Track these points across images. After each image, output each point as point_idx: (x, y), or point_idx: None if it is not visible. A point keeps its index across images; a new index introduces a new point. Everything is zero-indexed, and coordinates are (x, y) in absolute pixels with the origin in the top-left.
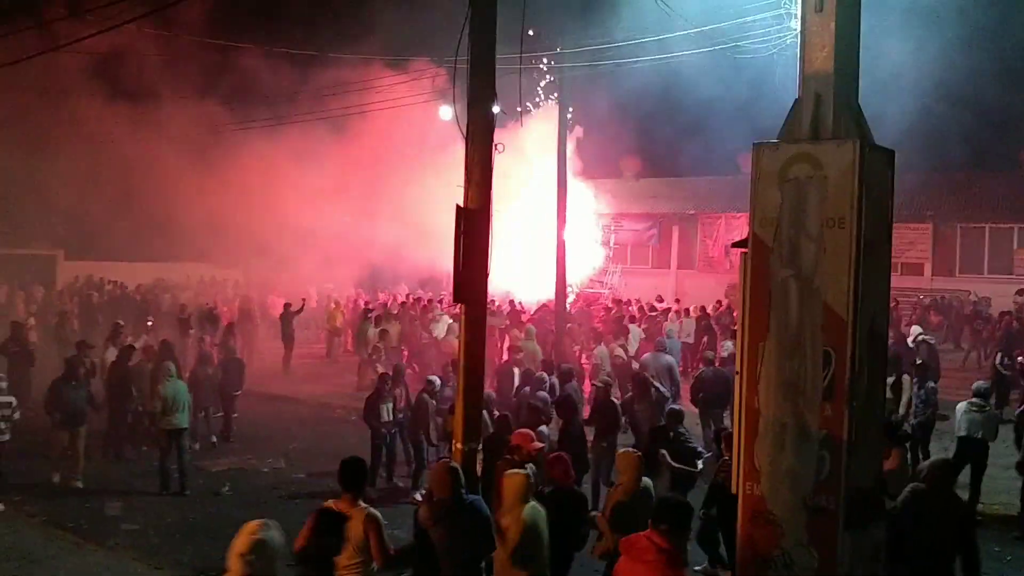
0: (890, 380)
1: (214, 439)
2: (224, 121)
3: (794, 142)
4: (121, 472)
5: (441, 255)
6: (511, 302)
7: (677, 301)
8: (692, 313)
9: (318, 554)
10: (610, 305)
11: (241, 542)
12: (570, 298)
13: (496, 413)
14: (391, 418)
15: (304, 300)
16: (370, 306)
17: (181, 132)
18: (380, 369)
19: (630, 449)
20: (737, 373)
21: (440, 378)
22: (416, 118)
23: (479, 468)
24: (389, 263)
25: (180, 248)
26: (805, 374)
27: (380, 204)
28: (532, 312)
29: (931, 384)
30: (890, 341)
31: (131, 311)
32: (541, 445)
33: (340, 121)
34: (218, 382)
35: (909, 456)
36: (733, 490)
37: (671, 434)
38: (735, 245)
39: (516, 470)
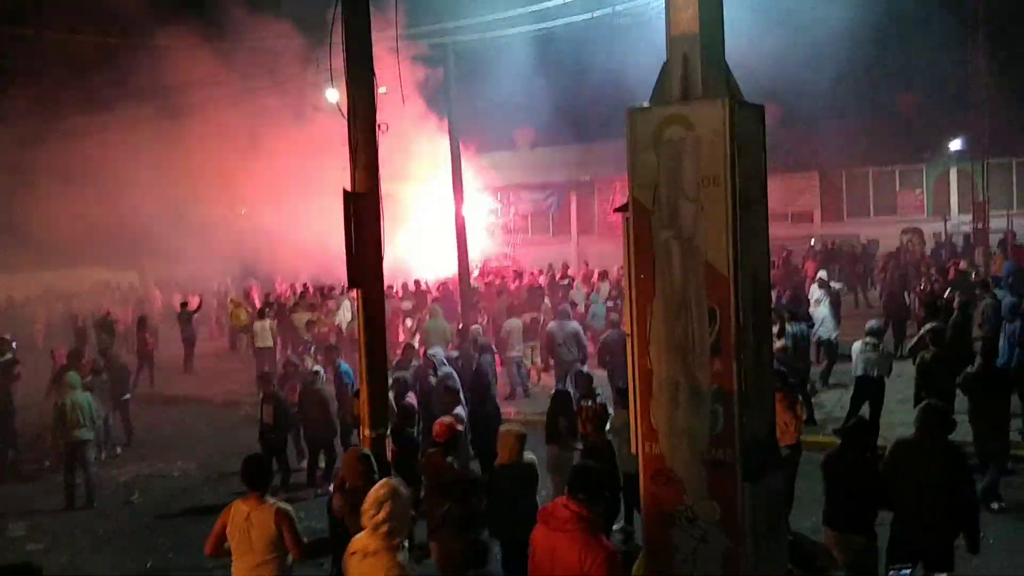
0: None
1: (118, 449)
2: (102, 117)
3: (666, 104)
4: (23, 492)
5: (337, 241)
6: (416, 282)
7: (586, 265)
8: (608, 278)
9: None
10: (513, 278)
11: (372, 498)
12: (474, 273)
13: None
14: (270, 421)
15: (200, 298)
16: (270, 299)
17: (59, 131)
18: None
19: (512, 427)
20: (628, 335)
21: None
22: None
23: (389, 453)
24: (285, 252)
25: (68, 254)
26: (692, 332)
27: (273, 193)
28: (435, 291)
29: (799, 327)
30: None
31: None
32: (459, 428)
33: (223, 110)
34: (109, 390)
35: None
36: (633, 451)
37: (582, 397)
38: (617, 210)
39: (509, 427)
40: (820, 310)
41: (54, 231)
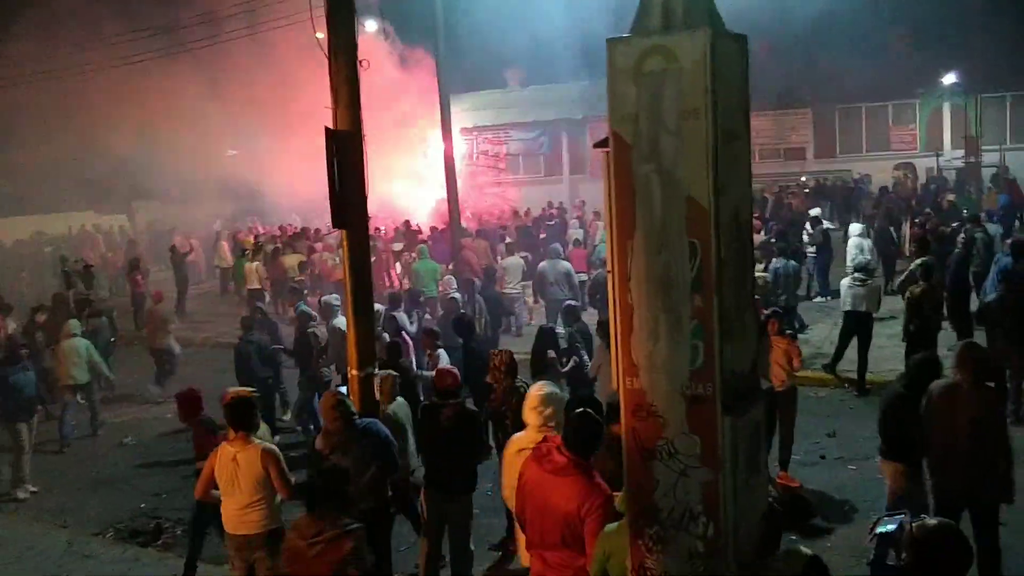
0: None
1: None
2: (88, 58)
3: (646, 35)
4: None
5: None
6: (406, 223)
7: (582, 204)
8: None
9: None
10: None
11: (538, 396)
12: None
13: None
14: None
15: (189, 242)
16: (257, 241)
17: (44, 74)
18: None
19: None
20: (609, 271)
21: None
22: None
23: (376, 392)
24: (275, 193)
25: (57, 198)
26: (673, 267)
27: (259, 134)
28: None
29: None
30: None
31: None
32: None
33: (204, 51)
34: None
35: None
36: (613, 386)
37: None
38: (596, 145)
39: (386, 371)
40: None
41: (42, 175)
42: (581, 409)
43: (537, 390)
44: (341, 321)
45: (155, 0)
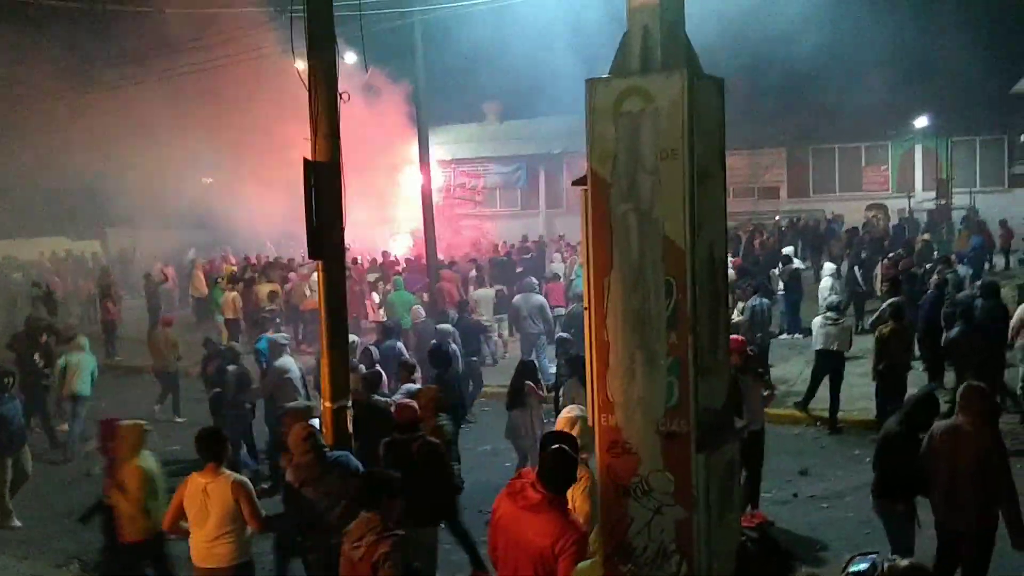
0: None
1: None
2: (63, 84)
3: (625, 76)
4: None
5: (298, 211)
6: (383, 253)
7: (560, 238)
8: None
9: None
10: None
11: (566, 419)
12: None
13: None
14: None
15: (164, 271)
16: (235, 271)
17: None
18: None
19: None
20: (586, 308)
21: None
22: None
23: (349, 425)
24: (248, 223)
25: (31, 222)
26: (649, 305)
27: (234, 163)
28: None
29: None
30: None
31: None
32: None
33: (181, 79)
34: None
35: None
36: (589, 423)
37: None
38: (575, 183)
39: (131, 422)
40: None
41: (12, 199)
42: (556, 446)
43: (566, 412)
44: (284, 361)
45: (132, 26)
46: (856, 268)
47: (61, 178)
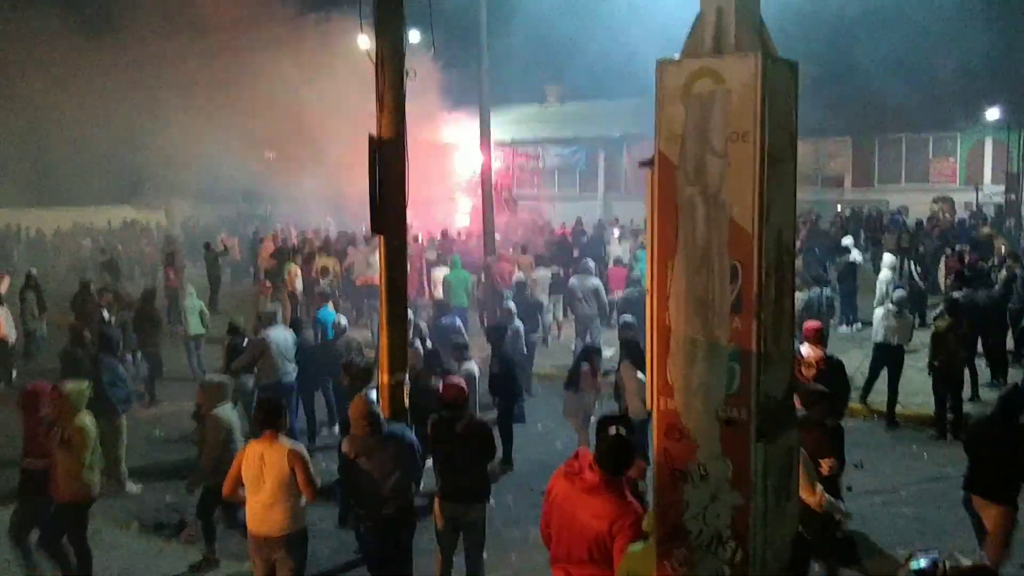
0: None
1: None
2: (135, 58)
3: (696, 57)
4: None
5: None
6: (443, 232)
7: (616, 221)
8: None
9: None
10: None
11: None
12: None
13: (429, 345)
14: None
15: (225, 241)
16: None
17: (92, 69)
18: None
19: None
20: (648, 291)
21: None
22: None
23: (406, 398)
24: (310, 197)
25: (100, 191)
26: (713, 289)
27: (300, 139)
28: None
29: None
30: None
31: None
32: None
33: (254, 55)
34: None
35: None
36: (648, 406)
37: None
38: (641, 165)
39: (75, 383)
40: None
41: (83, 169)
42: (614, 428)
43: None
44: (274, 332)
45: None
46: (912, 263)
47: (129, 150)
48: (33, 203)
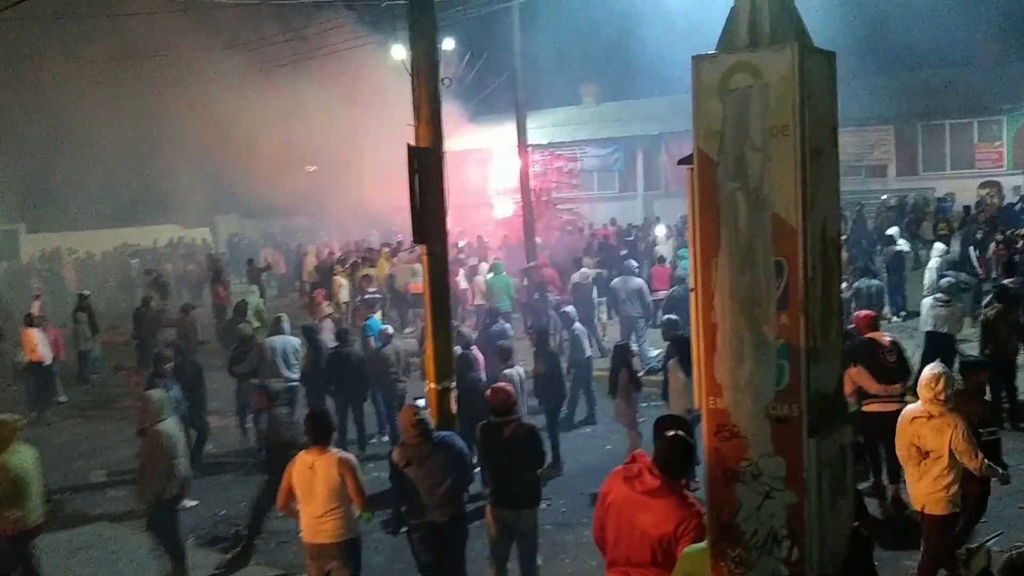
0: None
1: None
2: (177, 77)
3: (732, 52)
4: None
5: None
6: (479, 237)
7: (657, 220)
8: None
9: None
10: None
11: (925, 376)
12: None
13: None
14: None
15: (267, 258)
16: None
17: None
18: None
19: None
20: (692, 290)
21: None
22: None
23: (454, 405)
24: (351, 210)
25: (145, 211)
26: (759, 285)
27: (339, 151)
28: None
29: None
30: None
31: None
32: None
33: (288, 67)
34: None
35: None
36: (696, 406)
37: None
38: (680, 162)
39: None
40: None
41: (129, 189)
42: (672, 431)
43: (929, 370)
44: (272, 339)
45: (234, 16)
46: (972, 249)
47: (172, 167)
48: (81, 227)
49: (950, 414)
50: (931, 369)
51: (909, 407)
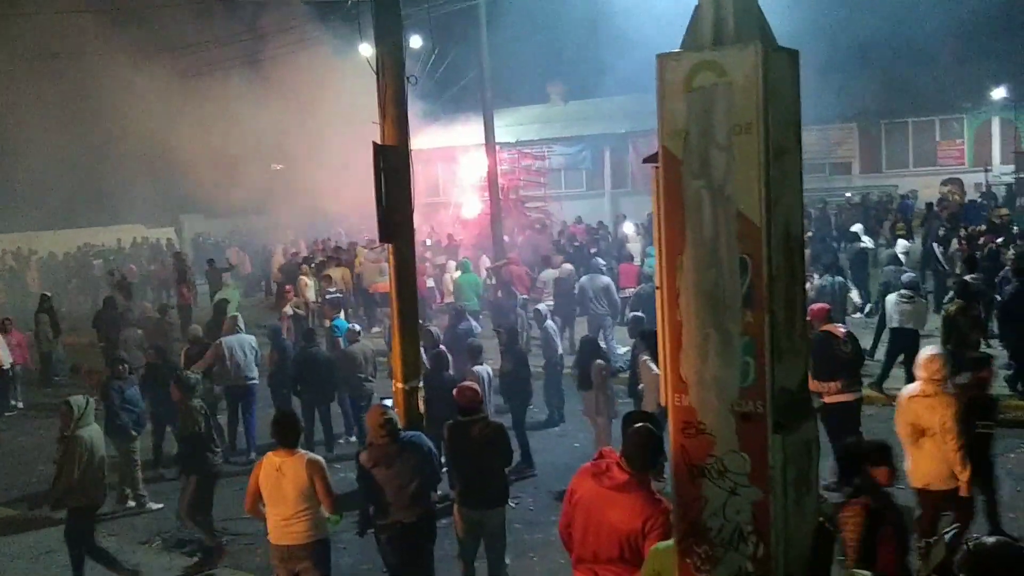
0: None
1: None
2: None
3: (697, 50)
4: None
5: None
6: (449, 236)
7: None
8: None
9: None
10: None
11: (922, 357)
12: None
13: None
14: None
15: (229, 257)
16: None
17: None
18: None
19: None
20: (658, 287)
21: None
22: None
23: (421, 405)
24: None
25: (108, 211)
26: (724, 283)
27: (303, 149)
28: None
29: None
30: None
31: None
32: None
33: (254, 66)
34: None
35: None
36: (662, 403)
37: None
38: (646, 161)
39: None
40: None
41: (91, 189)
42: (640, 424)
43: (929, 351)
44: (231, 338)
45: (202, 13)
46: (936, 245)
47: (136, 167)
48: (43, 226)
49: (944, 394)
50: (931, 350)
51: (907, 387)
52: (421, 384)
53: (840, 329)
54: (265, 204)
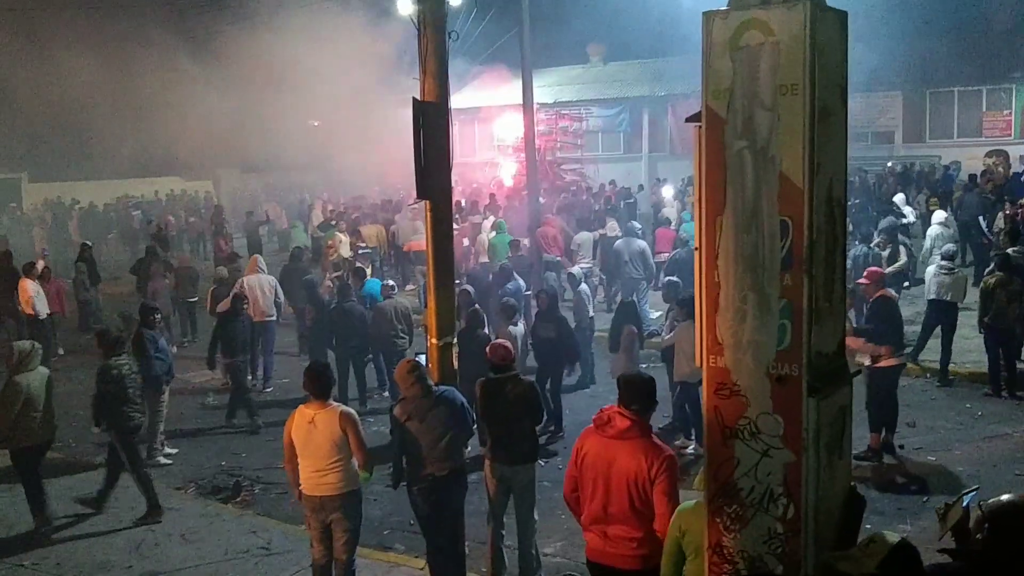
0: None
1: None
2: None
3: (744, 8)
4: None
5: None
6: (491, 195)
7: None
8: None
9: None
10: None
11: None
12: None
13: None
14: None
15: (267, 211)
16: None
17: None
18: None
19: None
20: (696, 249)
21: None
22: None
23: (455, 361)
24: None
25: (147, 163)
26: (763, 245)
27: (341, 106)
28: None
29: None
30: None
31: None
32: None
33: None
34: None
35: None
36: (697, 363)
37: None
38: (688, 120)
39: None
40: None
41: (131, 142)
42: (629, 373)
43: None
44: (253, 278)
45: None
46: (981, 218)
47: (175, 121)
48: (82, 176)
49: None
50: None
51: None
52: (455, 340)
53: (893, 293)
54: (303, 160)
